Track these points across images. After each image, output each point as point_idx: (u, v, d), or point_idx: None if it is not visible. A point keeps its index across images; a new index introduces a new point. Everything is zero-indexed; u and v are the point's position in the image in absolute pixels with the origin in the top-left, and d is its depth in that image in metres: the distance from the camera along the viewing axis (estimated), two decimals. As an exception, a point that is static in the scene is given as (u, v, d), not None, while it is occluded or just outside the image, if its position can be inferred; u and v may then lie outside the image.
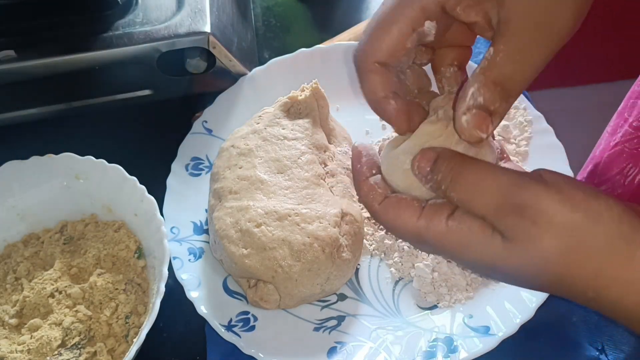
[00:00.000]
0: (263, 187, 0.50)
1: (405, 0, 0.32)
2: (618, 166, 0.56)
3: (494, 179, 0.30)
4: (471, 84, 0.30)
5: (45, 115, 0.59)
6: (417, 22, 0.32)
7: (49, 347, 0.46)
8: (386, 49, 0.33)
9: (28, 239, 0.54)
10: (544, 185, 0.29)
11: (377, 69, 0.33)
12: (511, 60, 0.30)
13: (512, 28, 0.30)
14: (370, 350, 0.48)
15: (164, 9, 0.57)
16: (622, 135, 0.56)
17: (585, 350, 0.49)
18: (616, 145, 0.57)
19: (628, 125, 0.55)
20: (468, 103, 0.30)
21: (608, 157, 0.58)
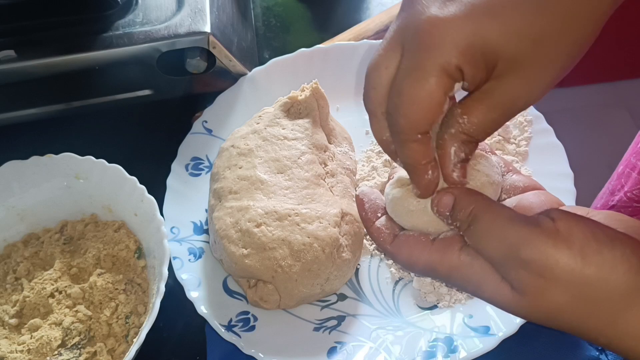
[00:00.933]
0: (263, 187, 0.50)
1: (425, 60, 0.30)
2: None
3: (503, 230, 0.30)
4: (449, 144, 0.32)
5: (45, 115, 0.59)
6: (447, 86, 0.31)
7: (49, 347, 0.46)
8: (429, 120, 0.31)
9: (28, 239, 0.54)
10: (552, 240, 0.29)
11: (420, 140, 0.32)
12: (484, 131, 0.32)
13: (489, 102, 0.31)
14: (370, 350, 0.48)
15: (164, 9, 0.57)
16: (618, 200, 0.56)
17: (585, 350, 0.49)
18: (612, 207, 0.57)
19: (623, 193, 0.56)
20: (453, 161, 0.33)
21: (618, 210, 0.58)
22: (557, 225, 0.29)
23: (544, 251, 0.29)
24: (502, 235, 0.30)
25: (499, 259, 0.31)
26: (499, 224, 0.31)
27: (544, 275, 0.29)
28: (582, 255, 0.28)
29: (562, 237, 0.29)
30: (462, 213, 0.32)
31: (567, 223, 0.29)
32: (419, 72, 0.30)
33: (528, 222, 0.30)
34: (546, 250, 0.29)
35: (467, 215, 0.32)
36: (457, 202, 0.33)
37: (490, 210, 0.32)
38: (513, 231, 0.30)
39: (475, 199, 0.32)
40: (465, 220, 0.32)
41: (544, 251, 0.29)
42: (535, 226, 0.30)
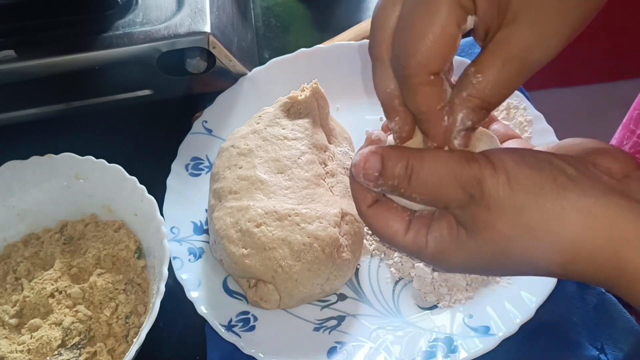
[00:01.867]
0: (263, 187, 0.50)
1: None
2: None
3: (447, 172, 0.29)
4: (458, 109, 0.30)
5: (45, 115, 0.59)
6: (460, 18, 0.29)
7: (49, 347, 0.46)
8: (442, 57, 0.29)
9: (28, 239, 0.53)
10: (489, 171, 0.29)
11: (432, 81, 0.29)
12: (499, 92, 0.30)
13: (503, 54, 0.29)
14: (370, 350, 0.48)
15: (164, 9, 0.57)
16: (630, 147, 0.55)
17: (585, 350, 0.49)
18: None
19: (636, 137, 0.55)
20: (459, 128, 0.31)
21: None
22: (491, 159, 0.29)
23: (485, 182, 0.29)
24: (448, 178, 0.29)
25: (449, 201, 0.30)
26: (441, 168, 0.30)
27: (489, 206, 0.29)
28: (514, 180, 0.28)
29: (497, 166, 0.29)
30: (398, 167, 0.30)
31: (497, 154, 0.29)
32: (430, 2, 0.28)
33: (466, 159, 0.29)
34: (485, 181, 0.29)
35: (405, 168, 0.30)
36: (386, 158, 0.30)
37: (426, 157, 0.30)
38: (456, 171, 0.29)
39: (405, 150, 0.31)
40: (403, 174, 0.30)
41: (484, 183, 0.29)
42: (473, 162, 0.29)
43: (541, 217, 0.28)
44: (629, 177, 0.30)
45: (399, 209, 0.33)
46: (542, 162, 0.29)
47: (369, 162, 0.31)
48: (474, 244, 0.30)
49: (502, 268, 0.32)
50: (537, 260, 0.30)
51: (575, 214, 0.28)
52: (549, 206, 0.28)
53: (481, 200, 0.29)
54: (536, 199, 0.28)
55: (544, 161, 0.29)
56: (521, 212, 0.28)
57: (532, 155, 0.29)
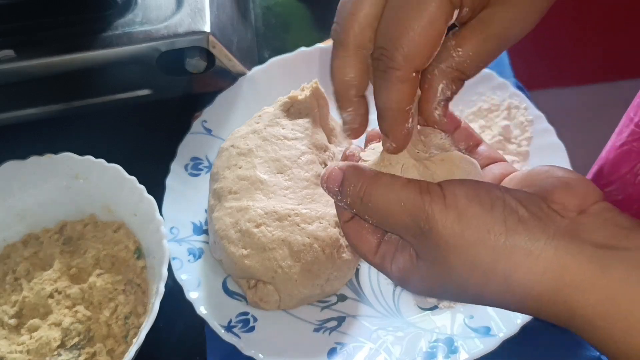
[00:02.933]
0: (263, 187, 0.50)
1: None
2: (627, 165, 0.56)
3: (398, 199, 0.30)
4: (439, 80, 0.31)
5: (45, 115, 0.59)
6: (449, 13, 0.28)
7: (48, 347, 0.46)
8: (428, 53, 0.28)
9: (27, 239, 0.53)
10: (439, 206, 0.29)
11: (412, 79, 0.29)
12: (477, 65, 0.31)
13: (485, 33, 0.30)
14: (371, 351, 0.48)
15: (163, 8, 0.57)
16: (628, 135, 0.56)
17: (586, 350, 0.49)
18: (623, 145, 0.56)
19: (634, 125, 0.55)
20: (439, 98, 0.31)
21: (615, 157, 0.57)
22: (444, 191, 0.29)
23: (433, 218, 0.29)
24: (398, 206, 0.30)
25: (399, 229, 0.30)
26: (393, 195, 0.30)
27: (439, 243, 0.29)
28: (464, 219, 0.28)
29: (448, 202, 0.29)
30: (352, 188, 0.31)
31: (452, 188, 0.29)
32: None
33: (420, 190, 0.29)
34: (434, 216, 0.29)
35: (358, 190, 0.31)
36: (345, 177, 0.31)
37: (381, 182, 0.30)
38: (407, 201, 0.29)
39: (364, 172, 0.31)
40: (356, 195, 0.31)
41: (432, 218, 0.29)
42: (426, 194, 0.29)
43: (490, 258, 0.28)
44: (585, 213, 0.29)
45: (370, 229, 0.33)
46: (495, 201, 0.29)
47: (332, 176, 0.32)
48: (432, 275, 0.30)
49: (465, 299, 0.32)
50: (493, 298, 0.30)
51: (523, 257, 0.28)
52: (497, 248, 0.28)
53: (430, 235, 0.29)
54: (484, 240, 0.28)
55: (497, 200, 0.29)
56: (471, 251, 0.28)
57: (485, 192, 0.29)
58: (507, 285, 0.28)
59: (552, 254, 0.27)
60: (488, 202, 0.29)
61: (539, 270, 0.28)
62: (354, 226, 0.34)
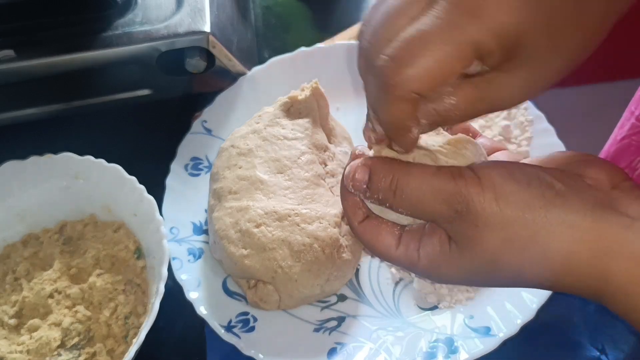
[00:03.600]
0: (263, 187, 0.50)
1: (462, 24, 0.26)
2: (626, 160, 0.56)
3: (432, 189, 0.30)
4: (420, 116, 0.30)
5: (45, 115, 0.59)
6: (469, 60, 0.28)
7: (48, 347, 0.46)
8: (431, 84, 0.28)
9: (27, 239, 0.53)
10: (475, 188, 0.29)
11: (412, 99, 0.28)
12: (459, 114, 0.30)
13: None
14: (371, 351, 0.48)
15: (163, 8, 0.57)
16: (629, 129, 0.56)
17: (585, 350, 0.49)
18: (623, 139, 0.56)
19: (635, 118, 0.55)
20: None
21: (615, 151, 0.57)
22: (478, 174, 0.29)
23: (471, 200, 0.29)
24: (432, 194, 0.30)
25: (437, 215, 0.30)
26: (426, 184, 0.30)
27: (477, 223, 0.29)
28: (501, 197, 0.29)
29: (484, 183, 0.29)
30: (383, 181, 0.31)
31: (485, 170, 0.30)
32: (452, 26, 0.26)
33: (452, 175, 0.30)
34: (472, 198, 0.29)
35: (389, 183, 0.31)
36: (373, 172, 0.31)
37: (412, 173, 0.31)
38: (441, 187, 0.30)
39: (393, 165, 0.31)
40: (388, 188, 0.31)
41: (470, 200, 0.29)
42: (460, 178, 0.29)
43: (529, 232, 0.29)
44: (617, 188, 0.30)
45: (389, 224, 0.33)
46: (530, 177, 0.29)
47: (358, 174, 0.32)
48: (465, 259, 0.30)
49: (494, 281, 0.32)
50: (526, 274, 0.30)
51: (562, 228, 0.28)
52: (537, 222, 0.28)
53: (468, 216, 0.29)
54: (524, 215, 0.29)
55: (531, 176, 0.29)
56: (509, 228, 0.29)
57: (519, 170, 0.30)
58: (545, 259, 0.29)
59: (590, 224, 0.28)
60: (524, 179, 0.29)
61: (578, 240, 0.28)
62: (369, 225, 0.33)
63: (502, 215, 0.29)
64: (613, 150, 0.58)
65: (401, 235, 0.33)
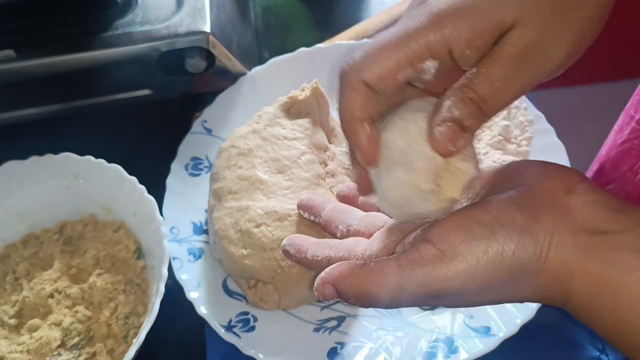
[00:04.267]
0: (263, 187, 0.50)
1: (412, 33, 0.30)
2: (627, 163, 0.56)
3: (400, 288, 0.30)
4: (448, 97, 0.30)
5: (45, 115, 0.59)
6: (418, 57, 0.30)
7: (49, 347, 0.46)
8: (377, 72, 0.31)
9: (27, 239, 0.53)
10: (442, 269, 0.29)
11: (360, 88, 0.31)
12: (490, 84, 0.30)
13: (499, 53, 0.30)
14: (371, 351, 0.48)
15: (163, 8, 0.57)
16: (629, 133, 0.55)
17: (586, 350, 0.49)
18: (624, 142, 0.56)
19: (635, 122, 0.55)
20: (444, 115, 0.30)
21: (615, 155, 0.57)
22: (440, 248, 0.29)
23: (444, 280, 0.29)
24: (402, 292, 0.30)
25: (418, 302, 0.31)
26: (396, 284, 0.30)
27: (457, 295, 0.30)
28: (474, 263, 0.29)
29: (449, 257, 0.29)
30: (351, 297, 0.31)
31: (446, 241, 0.29)
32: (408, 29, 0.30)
33: (415, 264, 0.30)
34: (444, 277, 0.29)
35: (358, 296, 0.31)
36: (339, 290, 0.32)
37: (374, 281, 0.31)
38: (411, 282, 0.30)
39: (353, 279, 0.31)
40: (358, 299, 0.31)
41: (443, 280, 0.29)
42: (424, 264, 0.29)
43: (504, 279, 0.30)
44: (573, 192, 0.30)
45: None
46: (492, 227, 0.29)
47: (326, 292, 0.32)
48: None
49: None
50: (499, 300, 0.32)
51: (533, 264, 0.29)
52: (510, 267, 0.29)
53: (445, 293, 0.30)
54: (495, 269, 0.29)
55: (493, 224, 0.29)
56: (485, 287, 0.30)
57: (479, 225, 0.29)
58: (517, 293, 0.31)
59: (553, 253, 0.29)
60: (484, 232, 0.29)
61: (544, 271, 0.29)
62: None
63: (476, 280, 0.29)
64: (613, 154, 0.58)
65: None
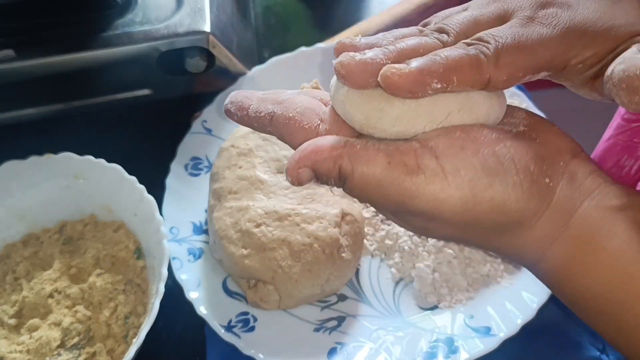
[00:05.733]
0: (263, 187, 0.50)
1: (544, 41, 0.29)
2: (613, 159, 0.56)
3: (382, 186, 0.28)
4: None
5: (45, 115, 0.59)
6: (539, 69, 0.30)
7: (48, 347, 0.46)
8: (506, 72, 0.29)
9: (27, 239, 0.53)
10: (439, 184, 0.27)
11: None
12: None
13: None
14: (371, 351, 0.48)
15: (163, 8, 0.57)
16: (615, 128, 0.56)
17: (586, 350, 0.49)
18: (610, 138, 0.56)
19: (620, 117, 0.55)
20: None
21: (603, 150, 0.58)
22: (442, 164, 0.27)
23: (432, 199, 0.27)
24: (383, 191, 0.27)
25: (386, 210, 0.29)
26: (377, 179, 0.27)
27: (435, 219, 0.28)
28: (472, 193, 0.27)
29: (450, 178, 0.27)
30: (331, 174, 0.28)
31: (452, 159, 0.27)
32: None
33: (408, 170, 0.27)
34: (434, 196, 0.27)
35: (337, 176, 0.28)
36: (318, 168, 0.28)
37: (362, 163, 0.27)
38: (394, 186, 0.27)
39: (340, 154, 0.27)
40: (337, 179, 0.28)
41: (432, 199, 0.27)
42: (418, 174, 0.27)
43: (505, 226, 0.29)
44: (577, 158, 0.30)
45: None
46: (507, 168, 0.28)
47: (302, 176, 0.28)
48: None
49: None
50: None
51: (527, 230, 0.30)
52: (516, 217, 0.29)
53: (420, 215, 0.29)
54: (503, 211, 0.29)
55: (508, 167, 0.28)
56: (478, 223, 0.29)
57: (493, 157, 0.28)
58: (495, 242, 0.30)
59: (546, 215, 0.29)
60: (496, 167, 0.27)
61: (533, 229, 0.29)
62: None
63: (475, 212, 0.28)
64: (601, 149, 0.58)
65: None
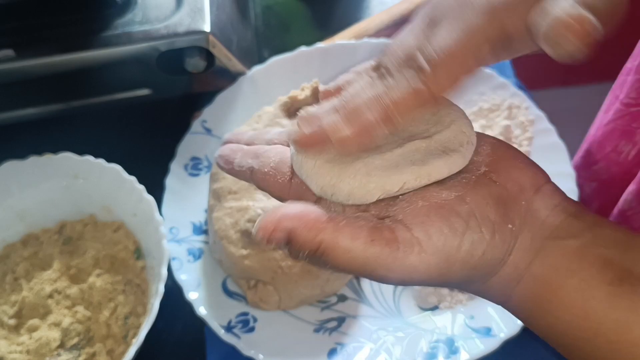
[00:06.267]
0: (263, 187, 0.50)
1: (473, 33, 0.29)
2: (611, 144, 0.56)
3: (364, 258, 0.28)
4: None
5: (44, 114, 0.59)
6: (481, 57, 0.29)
7: (48, 347, 0.46)
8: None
9: (27, 239, 0.53)
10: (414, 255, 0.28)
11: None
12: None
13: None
14: (371, 351, 0.48)
15: (163, 8, 0.57)
16: (613, 113, 0.56)
17: (587, 351, 0.49)
18: (608, 123, 0.56)
19: (619, 102, 0.55)
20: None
21: (601, 135, 0.58)
22: (415, 234, 0.28)
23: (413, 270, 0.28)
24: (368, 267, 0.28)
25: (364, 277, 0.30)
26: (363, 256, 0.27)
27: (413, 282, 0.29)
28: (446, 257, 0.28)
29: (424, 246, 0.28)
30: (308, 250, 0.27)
31: (422, 228, 0.28)
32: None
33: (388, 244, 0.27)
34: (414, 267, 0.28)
35: (315, 251, 0.27)
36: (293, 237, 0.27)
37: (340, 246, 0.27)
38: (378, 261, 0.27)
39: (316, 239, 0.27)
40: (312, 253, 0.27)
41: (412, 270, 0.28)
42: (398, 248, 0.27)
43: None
44: (539, 192, 0.30)
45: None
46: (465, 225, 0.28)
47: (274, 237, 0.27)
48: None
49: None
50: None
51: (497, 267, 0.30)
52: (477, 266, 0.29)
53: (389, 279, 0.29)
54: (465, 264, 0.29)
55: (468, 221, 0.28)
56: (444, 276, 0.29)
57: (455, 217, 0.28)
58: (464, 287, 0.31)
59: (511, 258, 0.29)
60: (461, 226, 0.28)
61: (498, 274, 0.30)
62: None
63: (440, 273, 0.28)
64: (600, 134, 0.58)
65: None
